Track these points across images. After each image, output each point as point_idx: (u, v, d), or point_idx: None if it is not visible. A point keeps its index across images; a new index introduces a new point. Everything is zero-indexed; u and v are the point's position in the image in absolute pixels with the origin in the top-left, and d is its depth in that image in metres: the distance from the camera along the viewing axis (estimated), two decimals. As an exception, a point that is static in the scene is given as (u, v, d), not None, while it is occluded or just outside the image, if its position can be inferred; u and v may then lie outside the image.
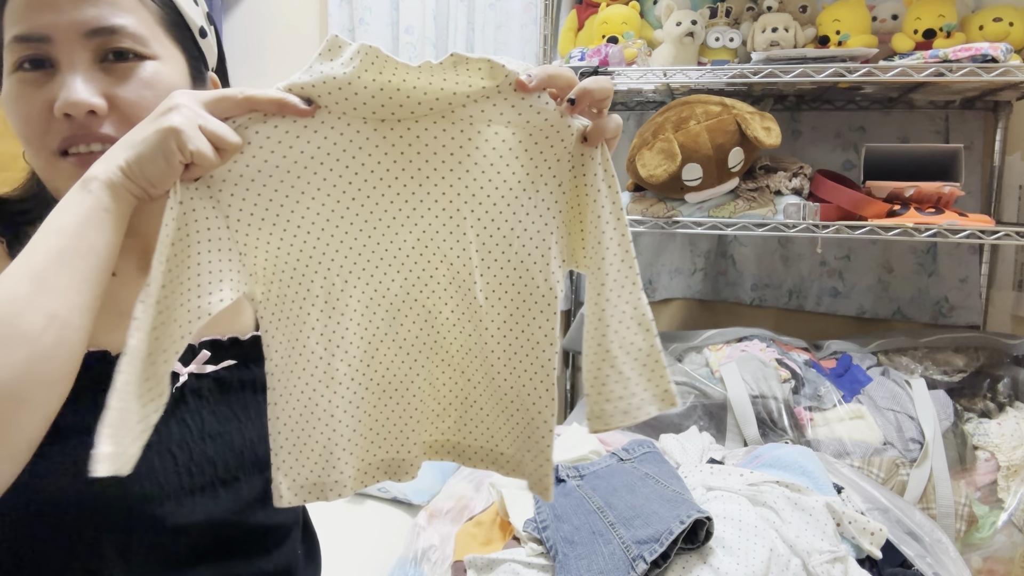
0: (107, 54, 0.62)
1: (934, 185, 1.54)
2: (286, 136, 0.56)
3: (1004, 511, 1.39)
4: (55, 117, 0.61)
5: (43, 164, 0.63)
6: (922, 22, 1.58)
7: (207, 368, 0.70)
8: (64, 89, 0.60)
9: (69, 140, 0.62)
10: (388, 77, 0.55)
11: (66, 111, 0.60)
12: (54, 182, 0.64)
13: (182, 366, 0.68)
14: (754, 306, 2.06)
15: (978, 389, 1.59)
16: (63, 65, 0.61)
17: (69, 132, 0.61)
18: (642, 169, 1.56)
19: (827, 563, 0.95)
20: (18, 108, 0.62)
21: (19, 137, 0.64)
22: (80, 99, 0.60)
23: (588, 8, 1.81)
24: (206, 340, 0.71)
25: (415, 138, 0.58)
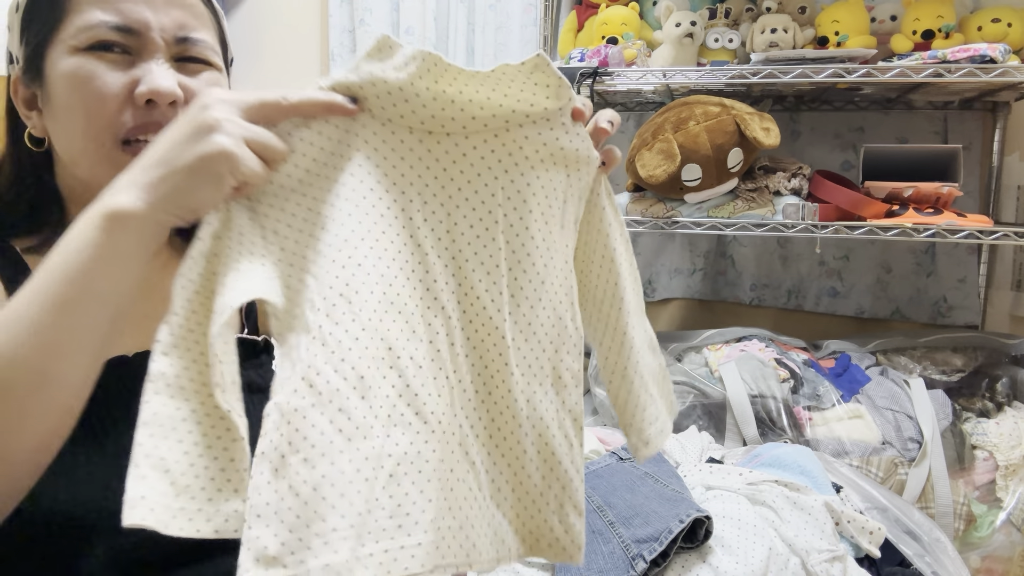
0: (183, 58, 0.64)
1: (933, 185, 1.54)
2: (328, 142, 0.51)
3: (1002, 510, 1.40)
4: (131, 102, 0.61)
5: (97, 150, 0.61)
6: (921, 23, 1.58)
7: None
8: (150, 75, 0.61)
9: (142, 128, 0.61)
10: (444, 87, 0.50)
11: (151, 97, 0.60)
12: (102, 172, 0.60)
13: None
14: (753, 306, 2.07)
15: (976, 389, 1.59)
16: (144, 57, 0.62)
17: (144, 119, 0.61)
18: (641, 169, 1.56)
19: (826, 562, 0.96)
20: (91, 86, 0.60)
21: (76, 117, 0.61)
22: (167, 87, 0.61)
23: (588, 9, 1.81)
24: None
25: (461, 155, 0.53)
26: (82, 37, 0.61)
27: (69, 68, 0.61)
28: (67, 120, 0.62)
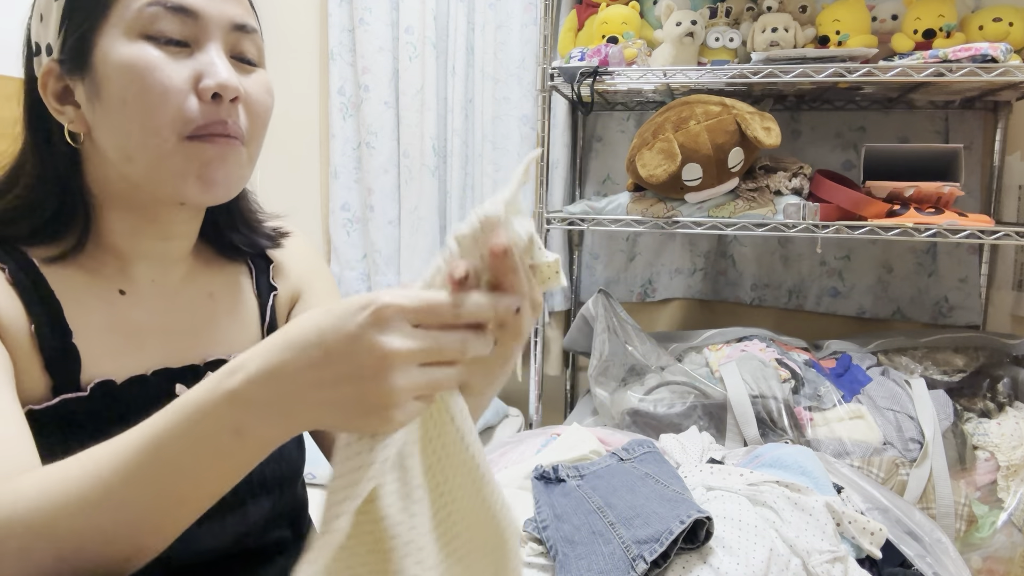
0: (237, 53, 0.63)
1: (934, 185, 1.54)
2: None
3: (1004, 511, 1.39)
4: (195, 95, 0.59)
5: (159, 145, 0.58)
6: (922, 22, 1.58)
7: None
8: (216, 68, 0.59)
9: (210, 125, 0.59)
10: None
11: (217, 91, 0.59)
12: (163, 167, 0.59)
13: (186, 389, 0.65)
14: (754, 306, 2.07)
15: (978, 389, 1.59)
16: (204, 45, 0.60)
17: (212, 116, 0.59)
18: (642, 169, 1.56)
19: (827, 563, 0.95)
20: (152, 78, 0.57)
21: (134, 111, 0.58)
22: (234, 82, 0.59)
23: (588, 8, 1.81)
24: (211, 360, 0.68)
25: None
26: (138, 21, 0.58)
27: (126, 58, 0.57)
28: (125, 113, 0.58)
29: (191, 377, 0.66)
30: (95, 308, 0.63)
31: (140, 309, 0.66)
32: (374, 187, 2.14)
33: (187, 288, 0.70)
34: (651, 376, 1.61)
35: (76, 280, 0.63)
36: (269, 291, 0.77)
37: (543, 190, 1.69)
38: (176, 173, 0.60)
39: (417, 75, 2.06)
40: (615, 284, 2.13)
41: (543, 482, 1.04)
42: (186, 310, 0.69)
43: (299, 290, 0.80)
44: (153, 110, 0.58)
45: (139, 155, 0.59)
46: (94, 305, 0.63)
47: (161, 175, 0.60)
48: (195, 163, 0.60)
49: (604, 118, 2.09)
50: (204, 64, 0.59)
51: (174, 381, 0.65)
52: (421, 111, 2.07)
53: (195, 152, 0.59)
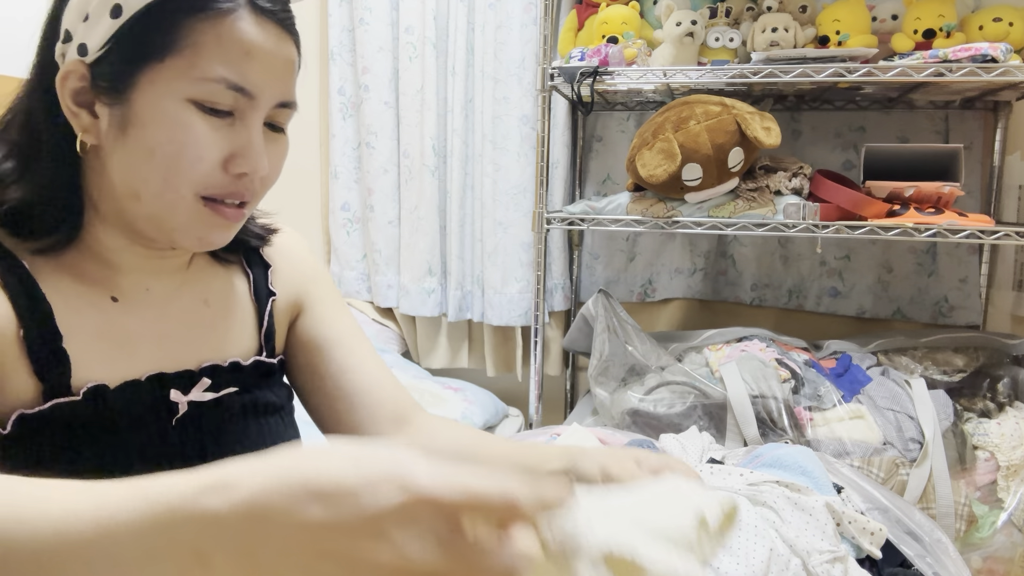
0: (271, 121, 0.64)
1: (934, 185, 1.54)
2: None
3: (1004, 511, 1.39)
4: (224, 168, 0.60)
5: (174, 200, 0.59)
6: (922, 22, 1.58)
7: (206, 396, 0.67)
8: (253, 151, 0.61)
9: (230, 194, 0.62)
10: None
11: (247, 171, 0.61)
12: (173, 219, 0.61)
13: (181, 395, 0.65)
14: (754, 306, 2.06)
15: (978, 389, 1.59)
16: (247, 122, 0.61)
17: (232, 188, 0.61)
18: (642, 169, 1.56)
19: (827, 563, 0.95)
20: (190, 142, 0.58)
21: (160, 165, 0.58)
22: (263, 166, 0.62)
23: (588, 8, 1.81)
24: (206, 366, 0.68)
25: None
26: (195, 88, 0.58)
27: (170, 117, 0.58)
28: (149, 163, 0.58)
29: (186, 382, 0.66)
30: (86, 314, 0.62)
31: (133, 316, 0.65)
32: (374, 187, 2.14)
33: (182, 295, 0.69)
34: (651, 376, 1.61)
35: (66, 285, 0.62)
36: (267, 296, 0.76)
37: (543, 190, 1.69)
38: (180, 226, 0.61)
39: (417, 75, 2.06)
40: (615, 284, 2.13)
41: (543, 482, 1.04)
42: (180, 317, 0.68)
43: (300, 299, 0.80)
44: (180, 172, 0.59)
45: (149, 200, 0.60)
46: (85, 311, 0.62)
47: (164, 224, 0.61)
48: (200, 226, 0.62)
49: (604, 118, 2.09)
50: (243, 143, 0.61)
51: (168, 386, 0.65)
52: (421, 111, 2.07)
53: (205, 217, 0.61)
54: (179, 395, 0.65)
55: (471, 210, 2.11)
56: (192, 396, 0.66)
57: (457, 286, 2.12)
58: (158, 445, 0.63)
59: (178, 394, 0.65)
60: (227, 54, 0.58)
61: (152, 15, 0.57)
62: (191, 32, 0.57)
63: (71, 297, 0.62)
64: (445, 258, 2.14)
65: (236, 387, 0.69)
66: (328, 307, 0.82)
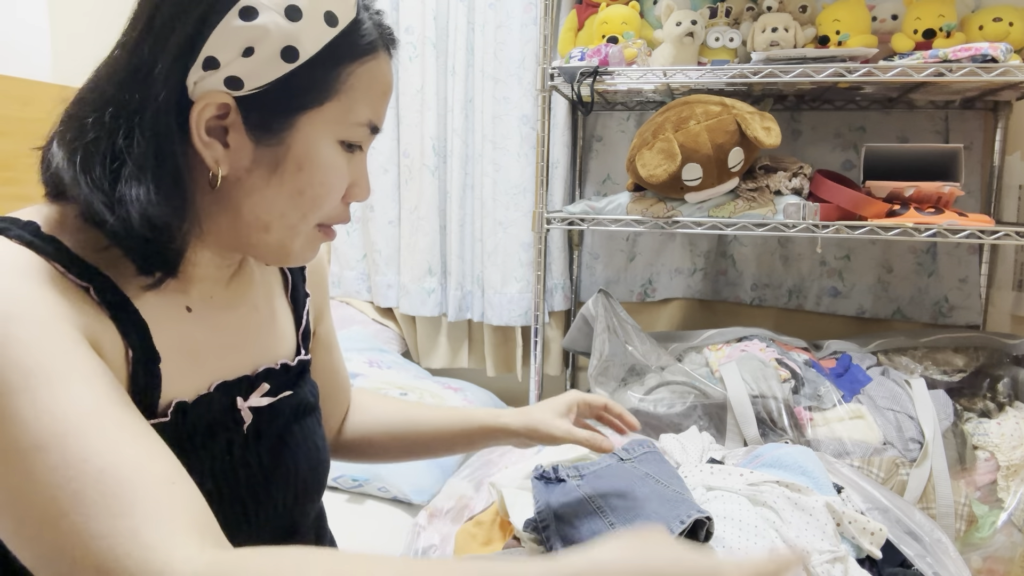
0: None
1: (934, 185, 1.54)
2: None
3: (1004, 511, 1.39)
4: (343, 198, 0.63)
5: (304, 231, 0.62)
6: (922, 22, 1.58)
7: (264, 401, 0.67)
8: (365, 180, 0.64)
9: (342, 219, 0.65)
10: None
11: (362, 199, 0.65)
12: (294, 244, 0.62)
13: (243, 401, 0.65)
14: (754, 306, 2.06)
15: (978, 389, 1.59)
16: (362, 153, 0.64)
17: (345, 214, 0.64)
18: (642, 169, 1.56)
19: (827, 563, 0.95)
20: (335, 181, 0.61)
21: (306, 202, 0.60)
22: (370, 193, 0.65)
23: (588, 8, 1.81)
24: (261, 371, 0.68)
25: None
26: (348, 131, 0.60)
27: (326, 158, 0.60)
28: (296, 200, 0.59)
29: (246, 388, 0.66)
30: (169, 328, 0.60)
31: (202, 326, 0.64)
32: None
33: (235, 302, 0.69)
34: (651, 376, 1.61)
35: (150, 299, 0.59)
36: (304, 297, 0.78)
37: (543, 190, 1.69)
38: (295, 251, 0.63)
39: (417, 75, 2.06)
40: (615, 284, 2.13)
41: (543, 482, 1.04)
42: (236, 324, 0.68)
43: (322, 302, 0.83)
44: (320, 208, 0.61)
45: (279, 231, 0.61)
46: (168, 325, 0.60)
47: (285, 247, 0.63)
48: (312, 248, 0.64)
49: (604, 118, 2.09)
50: (360, 174, 0.64)
51: (232, 394, 0.64)
52: (421, 111, 2.07)
53: (317, 239, 0.64)
54: (242, 402, 0.65)
55: (471, 210, 2.11)
56: (252, 402, 0.66)
57: (457, 286, 2.12)
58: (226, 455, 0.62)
59: (241, 402, 0.65)
60: (372, 95, 0.60)
61: (321, 61, 0.57)
62: (349, 77, 0.59)
63: (157, 311, 0.59)
64: (445, 258, 2.14)
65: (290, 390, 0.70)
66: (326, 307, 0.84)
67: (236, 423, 0.64)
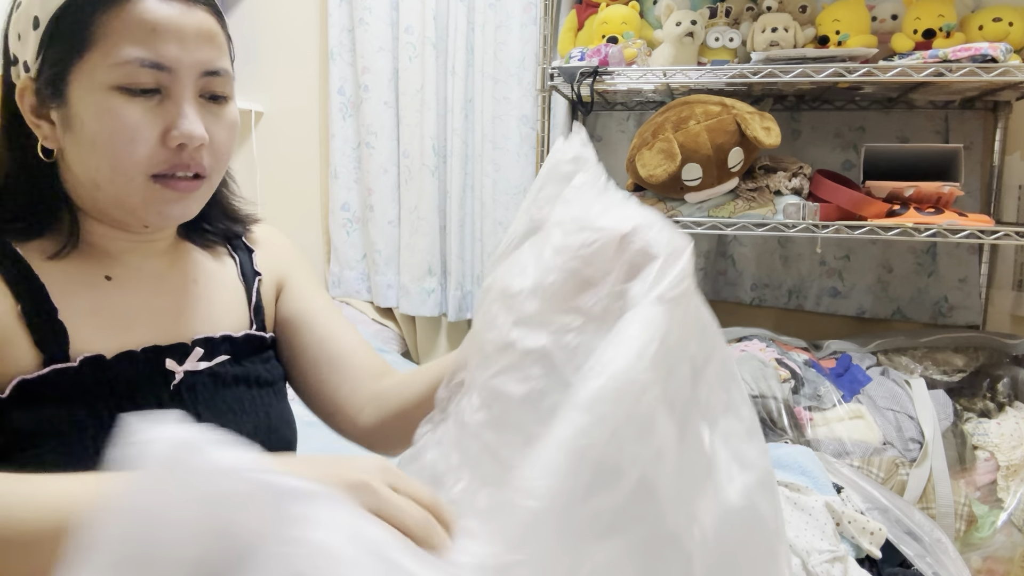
0: (207, 93, 0.66)
1: (934, 185, 1.54)
2: None
3: (1003, 511, 1.39)
4: (163, 143, 0.63)
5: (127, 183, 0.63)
6: (922, 22, 1.58)
7: (200, 365, 0.70)
8: (184, 120, 0.63)
9: (174, 167, 0.64)
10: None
11: (183, 141, 0.63)
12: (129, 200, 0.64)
13: (176, 364, 0.68)
14: (754, 306, 2.06)
15: (978, 389, 1.59)
16: (175, 96, 0.64)
17: (175, 160, 0.64)
18: (642, 169, 1.56)
19: (827, 563, 0.96)
20: (122, 127, 0.62)
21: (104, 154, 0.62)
22: (200, 133, 0.64)
23: (588, 8, 1.81)
24: (199, 338, 0.71)
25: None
26: (113, 74, 0.61)
27: (100, 107, 0.62)
28: (95, 153, 0.63)
29: (180, 353, 0.69)
30: (81, 293, 0.66)
31: (126, 293, 0.69)
32: (374, 187, 2.14)
33: (172, 274, 0.73)
34: (651, 376, 1.61)
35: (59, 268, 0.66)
36: (254, 276, 0.81)
37: (543, 190, 1.69)
38: (138, 207, 0.65)
39: (417, 75, 2.06)
40: (615, 284, 2.13)
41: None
42: (171, 294, 0.72)
43: (282, 279, 0.84)
44: (121, 156, 0.62)
45: (106, 187, 0.64)
46: (79, 290, 0.66)
47: (125, 206, 0.65)
48: (156, 202, 0.65)
49: (604, 118, 2.09)
50: (173, 115, 0.63)
51: (163, 356, 0.68)
52: (421, 111, 2.07)
53: (157, 194, 0.65)
54: (174, 364, 0.68)
55: (471, 210, 2.11)
56: (187, 366, 0.69)
57: (457, 286, 2.12)
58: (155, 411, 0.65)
59: (173, 364, 0.68)
60: (134, 35, 0.62)
61: (65, 18, 0.62)
62: (100, 25, 0.61)
63: (65, 278, 0.66)
64: (445, 258, 2.14)
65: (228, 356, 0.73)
66: (306, 286, 0.86)
67: (166, 382, 0.67)
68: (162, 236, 0.73)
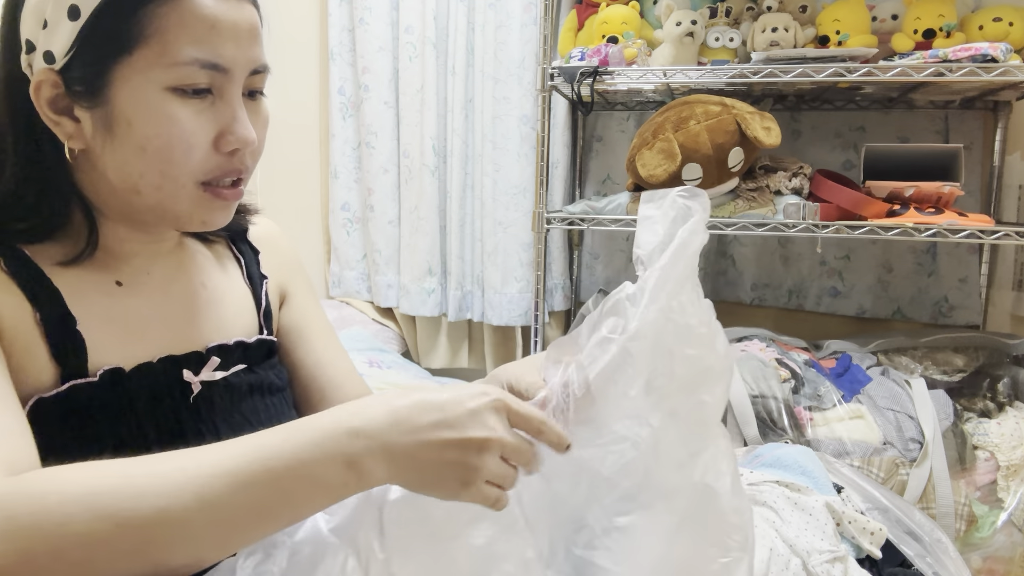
0: (249, 89, 0.64)
1: (934, 185, 1.54)
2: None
3: (1004, 511, 1.39)
4: (215, 148, 0.61)
5: (176, 191, 0.60)
6: (922, 22, 1.57)
7: (217, 375, 0.68)
8: (239, 125, 0.61)
9: (227, 173, 0.62)
10: None
11: (238, 147, 0.61)
12: (176, 207, 0.62)
13: (192, 375, 0.66)
14: (754, 306, 2.06)
15: (978, 389, 1.59)
16: (227, 97, 0.61)
17: (228, 166, 0.62)
18: (642, 169, 1.56)
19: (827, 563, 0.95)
20: (179, 133, 0.58)
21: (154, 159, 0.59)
22: (253, 138, 0.62)
23: (588, 8, 1.81)
24: (213, 346, 0.69)
25: None
26: (171, 74, 0.57)
27: (154, 109, 0.58)
28: (143, 158, 0.59)
29: (195, 363, 0.67)
30: (95, 299, 0.63)
31: (138, 299, 0.66)
32: (374, 187, 2.14)
33: (179, 279, 0.71)
34: (651, 376, 1.61)
35: (71, 272, 0.63)
36: (261, 279, 0.78)
37: (543, 190, 1.69)
38: (183, 214, 0.62)
39: (417, 75, 2.06)
40: (615, 284, 2.11)
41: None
42: (181, 299, 0.70)
43: (285, 286, 0.82)
44: (175, 162, 0.59)
45: (149, 194, 0.61)
46: (93, 296, 0.63)
47: (168, 213, 0.62)
48: (203, 210, 0.63)
49: (604, 118, 2.08)
50: (227, 119, 0.61)
51: (180, 367, 0.65)
52: (421, 111, 2.07)
53: (206, 202, 0.62)
54: (191, 375, 0.66)
55: (471, 210, 2.11)
56: (204, 376, 0.67)
57: (457, 286, 2.12)
58: (173, 425, 0.64)
59: (190, 374, 0.66)
60: (193, 33, 0.58)
61: (111, 10, 0.57)
62: (153, 19, 0.57)
63: (78, 283, 0.62)
64: (445, 258, 2.14)
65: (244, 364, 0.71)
66: (307, 298, 0.84)
67: (183, 394, 0.65)
68: (171, 235, 0.70)
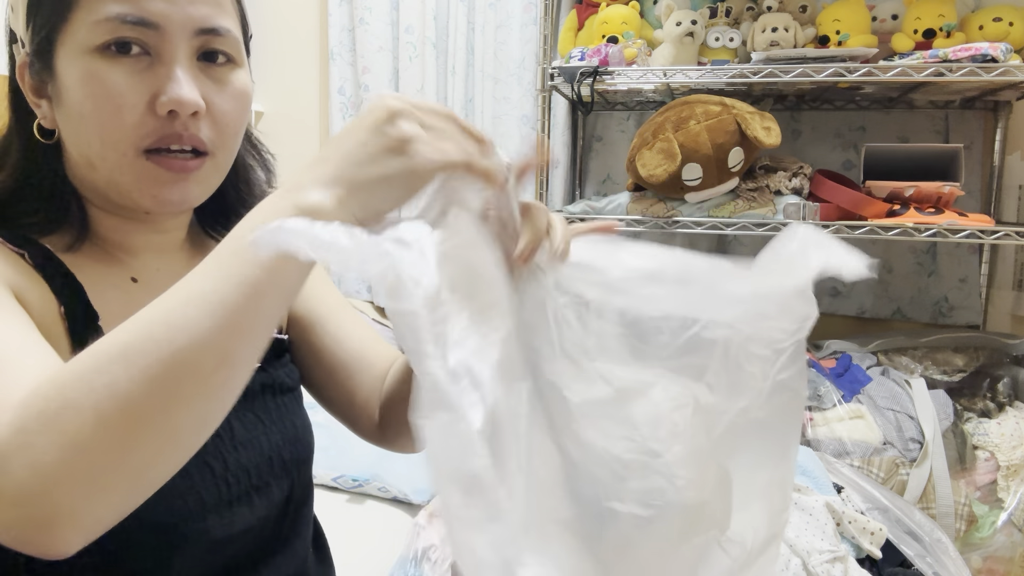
0: (206, 54, 0.59)
1: (934, 185, 1.54)
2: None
3: (1004, 511, 1.39)
4: (152, 111, 0.56)
5: (118, 159, 0.57)
6: (922, 22, 1.58)
7: None
8: (173, 84, 0.56)
9: (165, 139, 0.57)
10: None
11: (173, 108, 0.56)
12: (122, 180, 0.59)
13: None
14: (754, 306, 2.06)
15: (978, 389, 1.59)
16: (165, 57, 0.57)
17: (167, 130, 0.57)
18: (642, 169, 1.56)
19: (827, 563, 0.96)
20: (106, 95, 0.55)
21: (89, 126, 0.56)
22: (191, 98, 0.57)
23: (588, 8, 1.81)
24: None
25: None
26: (95, 34, 0.55)
27: (82, 72, 0.56)
28: (82, 126, 0.57)
29: None
30: (113, 296, 0.61)
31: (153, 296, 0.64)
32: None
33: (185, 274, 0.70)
34: (651, 376, 1.61)
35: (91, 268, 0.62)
36: None
37: (543, 190, 1.69)
38: (132, 187, 0.59)
39: (417, 75, 2.06)
40: (615, 284, 2.13)
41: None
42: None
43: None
44: (108, 127, 0.56)
45: (99, 164, 0.58)
46: (112, 293, 0.62)
47: (120, 186, 0.59)
48: (150, 183, 0.59)
49: (604, 118, 2.09)
50: (161, 78, 0.57)
51: None
52: (421, 111, 2.07)
53: (150, 172, 0.58)
54: None
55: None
56: None
57: (457, 286, 2.12)
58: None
59: None
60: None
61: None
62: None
63: (97, 279, 0.61)
64: (445, 258, 2.14)
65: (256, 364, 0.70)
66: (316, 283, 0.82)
67: None
68: (173, 227, 0.68)
